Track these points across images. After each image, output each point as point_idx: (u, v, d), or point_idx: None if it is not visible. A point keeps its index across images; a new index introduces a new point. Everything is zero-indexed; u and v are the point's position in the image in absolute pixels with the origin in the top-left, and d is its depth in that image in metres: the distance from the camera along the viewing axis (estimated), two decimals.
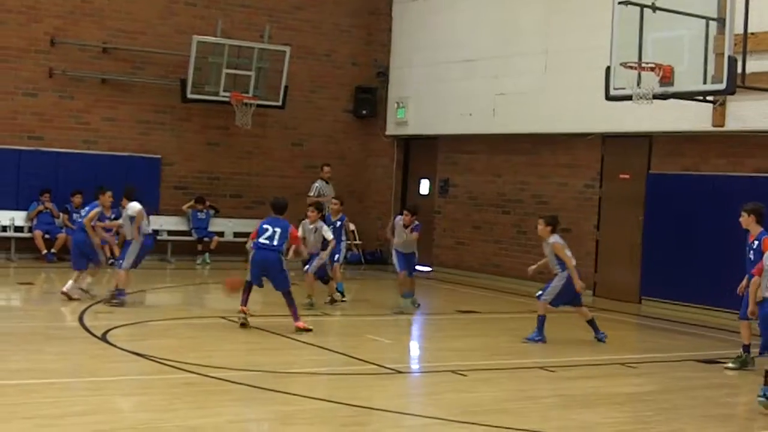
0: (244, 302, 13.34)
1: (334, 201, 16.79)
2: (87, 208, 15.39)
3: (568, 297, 13.46)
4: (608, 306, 17.58)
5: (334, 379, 10.71)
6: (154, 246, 14.70)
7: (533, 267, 13.94)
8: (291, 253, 13.91)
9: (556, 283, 13.38)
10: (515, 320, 15.98)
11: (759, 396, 10.00)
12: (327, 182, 19.85)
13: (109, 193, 15.57)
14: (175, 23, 21.85)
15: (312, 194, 19.33)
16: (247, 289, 13.38)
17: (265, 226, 13.25)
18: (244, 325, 13.24)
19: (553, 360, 12.18)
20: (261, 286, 13.41)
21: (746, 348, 12.22)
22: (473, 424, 9.00)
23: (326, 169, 20.21)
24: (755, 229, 12.17)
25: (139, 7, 21.55)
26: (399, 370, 11.35)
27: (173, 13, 21.92)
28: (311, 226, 15.34)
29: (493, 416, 9.54)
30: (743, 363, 12.19)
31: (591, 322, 13.71)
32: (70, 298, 14.84)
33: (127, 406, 9.05)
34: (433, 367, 11.88)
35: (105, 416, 8.61)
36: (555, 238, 13.43)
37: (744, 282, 11.94)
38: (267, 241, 13.15)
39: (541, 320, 13.42)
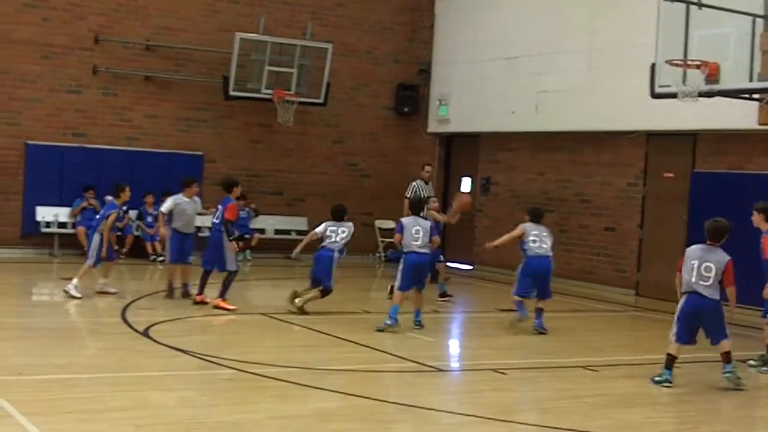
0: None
1: (432, 200, 16.87)
2: (103, 210, 15.43)
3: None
4: (651, 305, 17.41)
5: (373, 377, 10.69)
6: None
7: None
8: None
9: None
10: (556, 319, 15.84)
11: (724, 372, 10.45)
12: (426, 182, 18.89)
13: (128, 189, 15.58)
14: (217, 21, 21.93)
15: (408, 195, 18.50)
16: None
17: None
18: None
19: (595, 359, 12.09)
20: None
21: None
22: (513, 422, 8.95)
23: (427, 168, 19.24)
24: (765, 227, 12.01)
25: (182, 4, 21.65)
26: (439, 368, 11.32)
27: (216, 10, 22.00)
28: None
29: (533, 415, 9.49)
30: (765, 362, 12.06)
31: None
32: (108, 293, 14.98)
33: (167, 401, 9.08)
34: (473, 366, 11.84)
35: (146, 411, 8.65)
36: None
37: None
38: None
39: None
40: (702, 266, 10.76)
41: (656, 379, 10.92)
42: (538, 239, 13.99)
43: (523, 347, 13.26)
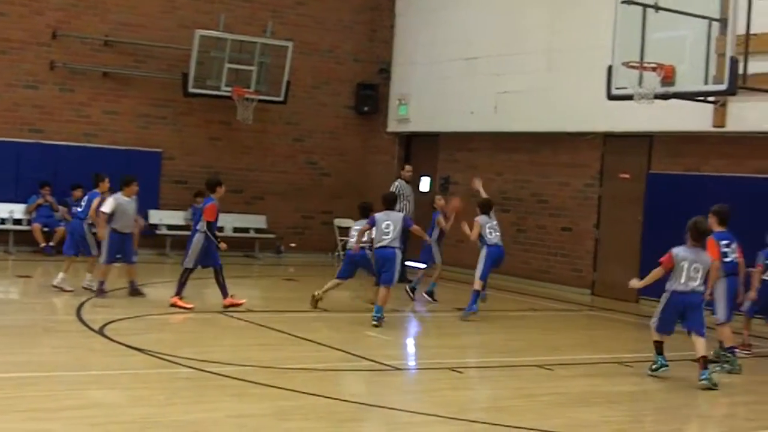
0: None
1: (438, 197, 17.37)
2: (87, 198, 15.31)
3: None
4: (607, 305, 17.58)
5: (331, 375, 10.70)
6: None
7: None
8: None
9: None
10: (513, 318, 15.98)
11: (701, 378, 10.82)
12: (408, 182, 19.17)
13: (107, 180, 15.41)
14: (177, 17, 21.83)
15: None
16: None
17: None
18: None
19: (550, 358, 12.17)
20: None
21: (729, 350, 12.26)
22: (470, 421, 9.00)
23: (407, 168, 19.56)
24: (716, 229, 12.42)
25: (141, 0, 21.52)
26: (396, 366, 11.35)
27: (176, 6, 21.90)
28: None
29: (490, 414, 9.54)
30: (722, 361, 12.23)
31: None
32: (63, 290, 14.85)
33: (124, 400, 9.04)
34: (430, 365, 11.89)
35: (100, 410, 8.60)
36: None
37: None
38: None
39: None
40: (692, 267, 11.15)
41: (653, 368, 11.38)
42: (493, 230, 15.07)
43: (480, 346, 13.35)
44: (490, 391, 10.67)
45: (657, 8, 13.81)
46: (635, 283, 11.65)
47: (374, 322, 13.56)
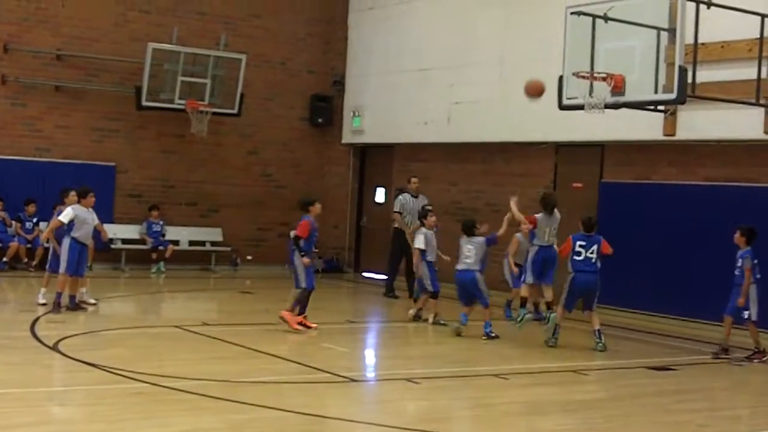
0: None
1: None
2: (57, 214, 15.19)
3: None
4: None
5: (286, 388, 10.69)
6: None
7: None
8: None
9: None
10: (469, 328, 16.02)
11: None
12: (415, 195, 18.69)
13: (73, 193, 15.30)
14: (129, 30, 21.73)
15: (397, 209, 18.57)
16: None
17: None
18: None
19: (506, 368, 12.25)
20: None
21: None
22: (426, 431, 9.03)
23: (413, 180, 19.02)
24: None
25: (93, 14, 21.40)
26: (353, 378, 11.36)
27: (128, 20, 21.79)
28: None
29: (446, 424, 9.59)
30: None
31: None
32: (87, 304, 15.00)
33: (77, 416, 8.99)
34: (386, 376, 11.92)
35: (55, 427, 8.56)
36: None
37: None
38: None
39: None
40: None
41: (519, 320, 14.11)
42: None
43: (436, 356, 13.40)
44: (447, 402, 10.71)
45: (607, 19, 13.95)
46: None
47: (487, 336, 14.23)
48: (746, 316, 13.47)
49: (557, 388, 11.49)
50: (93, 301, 15.11)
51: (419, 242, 15.57)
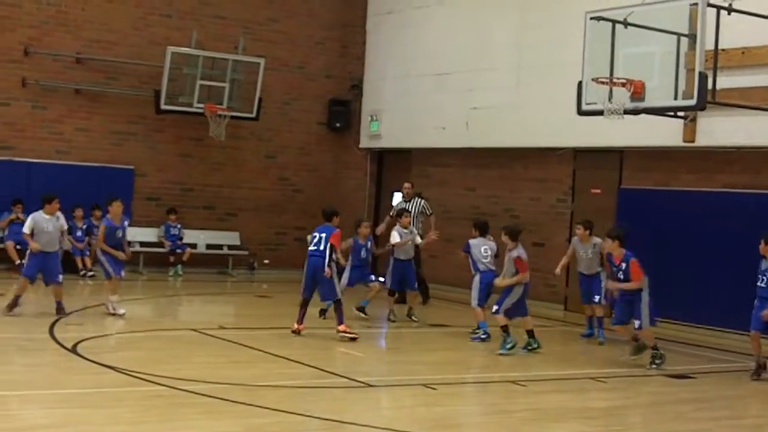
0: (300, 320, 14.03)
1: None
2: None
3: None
4: (580, 320, 17.61)
5: (304, 393, 10.70)
6: None
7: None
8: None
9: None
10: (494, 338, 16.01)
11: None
12: (408, 201, 18.34)
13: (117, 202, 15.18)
14: (149, 34, 21.81)
15: (392, 214, 18.32)
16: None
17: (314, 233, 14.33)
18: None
19: (523, 374, 12.21)
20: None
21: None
22: None
23: (406, 186, 18.69)
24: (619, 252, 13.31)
25: (113, 17, 21.49)
26: (370, 383, 11.35)
27: (148, 24, 21.88)
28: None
29: (463, 430, 9.57)
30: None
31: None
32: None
33: (96, 418, 9.00)
34: (404, 381, 11.88)
35: (73, 429, 8.57)
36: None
37: None
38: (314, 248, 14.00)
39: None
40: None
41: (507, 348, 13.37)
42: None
43: (454, 362, 13.37)
44: (464, 408, 10.70)
45: (626, 24, 13.92)
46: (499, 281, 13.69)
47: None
48: None
49: (575, 395, 11.46)
50: (122, 311, 14.96)
51: (394, 238, 16.32)
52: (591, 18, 14.31)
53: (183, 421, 9.02)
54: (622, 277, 13.18)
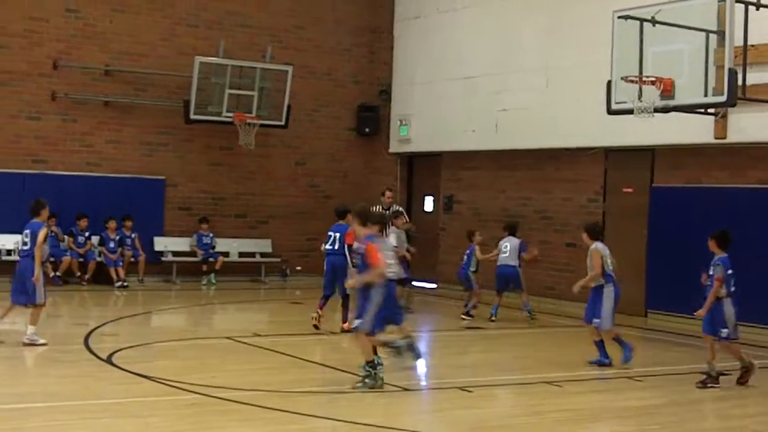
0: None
1: (477, 233, 18.03)
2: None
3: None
4: (615, 320, 17.52)
5: (339, 398, 10.69)
6: None
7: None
8: None
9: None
10: (521, 336, 15.97)
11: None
12: (387, 209, 17.69)
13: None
14: (177, 45, 21.93)
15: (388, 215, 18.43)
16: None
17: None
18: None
19: (559, 375, 12.14)
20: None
21: None
22: None
23: (388, 194, 18.16)
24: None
25: (141, 29, 21.63)
26: (405, 387, 11.32)
27: (175, 34, 21.99)
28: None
29: None
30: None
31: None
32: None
33: (131, 428, 9.04)
34: (439, 384, 11.86)
35: None
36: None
37: None
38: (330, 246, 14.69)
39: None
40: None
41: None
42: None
43: (488, 364, 13.34)
44: (501, 410, 10.66)
45: (654, 22, 13.87)
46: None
47: None
48: None
49: (611, 395, 11.39)
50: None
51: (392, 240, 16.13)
52: (619, 17, 14.27)
53: (217, 429, 9.04)
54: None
